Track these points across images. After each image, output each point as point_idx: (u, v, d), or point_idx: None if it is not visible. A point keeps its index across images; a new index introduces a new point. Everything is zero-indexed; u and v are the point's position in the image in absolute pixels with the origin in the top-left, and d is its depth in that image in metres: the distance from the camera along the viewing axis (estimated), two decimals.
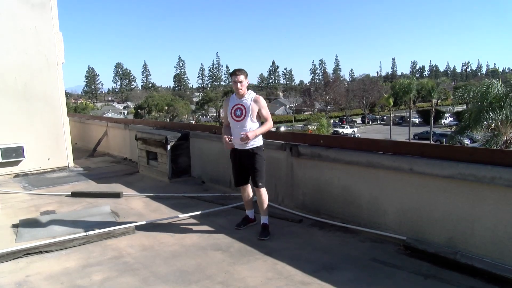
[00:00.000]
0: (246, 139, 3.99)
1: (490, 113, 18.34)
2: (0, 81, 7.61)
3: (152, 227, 4.59)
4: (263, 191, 4.24)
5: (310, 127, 45.25)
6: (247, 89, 4.17)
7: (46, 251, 3.92)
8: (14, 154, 7.77)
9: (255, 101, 4.10)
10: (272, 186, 5.30)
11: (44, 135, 8.23)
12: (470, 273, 3.15)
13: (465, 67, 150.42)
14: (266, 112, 4.18)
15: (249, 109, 4.06)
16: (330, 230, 4.32)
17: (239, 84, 4.05)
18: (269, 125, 4.20)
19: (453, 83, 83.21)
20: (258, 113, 4.11)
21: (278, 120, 65.40)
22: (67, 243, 4.07)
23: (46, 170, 8.23)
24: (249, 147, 4.13)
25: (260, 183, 4.19)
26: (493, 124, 19.37)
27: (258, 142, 4.20)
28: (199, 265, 3.55)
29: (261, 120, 4.22)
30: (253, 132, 4.02)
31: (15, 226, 4.70)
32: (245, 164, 4.22)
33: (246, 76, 4.11)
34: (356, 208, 4.29)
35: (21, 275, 3.45)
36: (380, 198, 4.08)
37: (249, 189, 4.39)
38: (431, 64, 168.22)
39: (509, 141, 18.77)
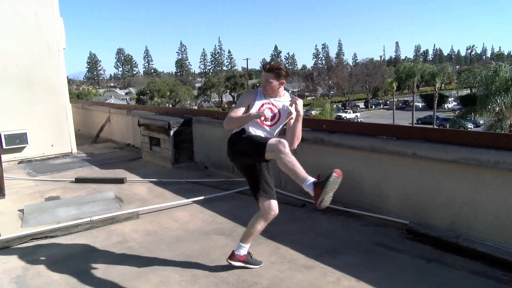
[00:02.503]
0: (297, 100, 3.02)
1: (497, 97, 18.21)
2: (2, 69, 7.59)
3: (156, 212, 4.62)
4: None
5: (313, 112, 45.10)
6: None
7: (52, 236, 3.96)
8: (18, 140, 7.80)
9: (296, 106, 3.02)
10: (275, 171, 5.29)
11: (47, 121, 8.24)
12: (472, 257, 3.16)
13: (469, 51, 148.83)
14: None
15: (285, 115, 3.08)
16: (332, 214, 4.34)
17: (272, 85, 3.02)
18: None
19: (458, 67, 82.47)
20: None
21: None
22: (72, 228, 4.11)
23: (49, 156, 8.27)
24: None
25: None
26: (497, 108, 19.26)
27: None
28: (203, 249, 3.58)
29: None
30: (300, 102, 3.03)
31: (20, 211, 4.75)
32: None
33: (280, 77, 3.01)
34: (359, 192, 4.30)
35: (27, 259, 3.50)
36: (383, 182, 4.08)
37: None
38: (435, 48, 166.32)
39: None
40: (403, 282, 2.91)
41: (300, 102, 3.01)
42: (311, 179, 2.66)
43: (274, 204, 3.03)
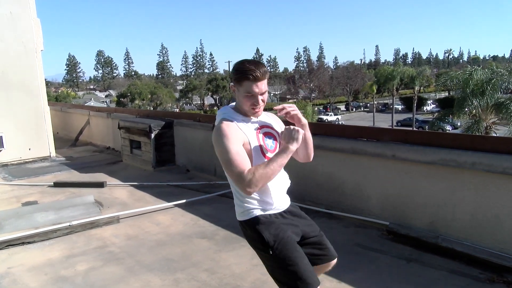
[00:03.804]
0: (282, 110, 1.98)
1: (474, 100, 18.66)
2: None
3: (136, 216, 4.56)
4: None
5: None
6: None
7: (29, 242, 3.87)
8: None
9: (272, 116, 2.16)
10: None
11: (24, 124, 8.04)
12: (451, 257, 3.23)
13: (447, 54, 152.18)
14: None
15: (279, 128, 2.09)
16: (314, 216, 4.34)
17: (260, 99, 1.90)
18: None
19: (436, 70, 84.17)
20: None
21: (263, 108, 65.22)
22: (51, 233, 4.03)
23: (27, 160, 8.07)
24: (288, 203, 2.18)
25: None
26: (474, 111, 19.72)
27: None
28: (185, 253, 3.55)
29: None
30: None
31: None
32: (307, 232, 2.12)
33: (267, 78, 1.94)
34: (340, 194, 4.34)
35: (3, 267, 3.40)
36: (363, 184, 4.13)
37: None
38: (414, 51, 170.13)
39: (489, 127, 19.16)
40: (384, 282, 2.94)
41: (295, 109, 2.00)
42: None
43: None
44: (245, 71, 1.83)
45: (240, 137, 1.87)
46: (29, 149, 8.14)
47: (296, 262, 1.88)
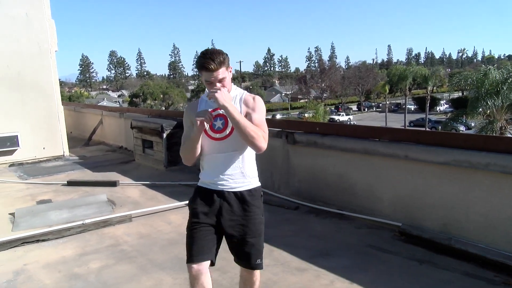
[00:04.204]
0: (215, 93, 2.04)
1: (488, 100, 18.39)
2: None
3: (148, 215, 4.60)
4: (259, 273, 2.40)
5: (306, 115, 45.19)
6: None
7: (43, 240, 3.93)
8: (9, 143, 7.73)
9: (245, 102, 2.22)
10: (268, 174, 5.31)
11: (39, 124, 8.17)
12: (464, 258, 3.19)
13: (461, 54, 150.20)
14: (259, 118, 2.18)
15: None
16: (325, 217, 4.35)
17: (218, 86, 2.09)
18: (259, 133, 2.10)
19: (449, 70, 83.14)
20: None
21: (274, 108, 65.30)
22: (64, 231, 4.08)
23: (41, 159, 8.20)
24: (236, 188, 2.23)
25: (258, 261, 2.34)
26: (488, 111, 19.44)
27: (254, 179, 2.34)
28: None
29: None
30: (229, 102, 2.05)
31: (11, 215, 4.70)
32: (225, 222, 2.20)
33: (228, 66, 2.15)
34: (351, 195, 4.32)
35: (18, 263, 3.46)
36: (375, 185, 4.10)
37: (209, 278, 2.14)
38: (427, 51, 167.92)
39: (503, 128, 18.87)
40: (396, 284, 2.92)
41: (220, 94, 2.03)
42: None
43: None
44: (202, 64, 2.07)
45: (187, 118, 2.28)
46: (44, 148, 8.27)
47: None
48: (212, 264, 2.17)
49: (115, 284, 3.05)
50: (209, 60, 2.06)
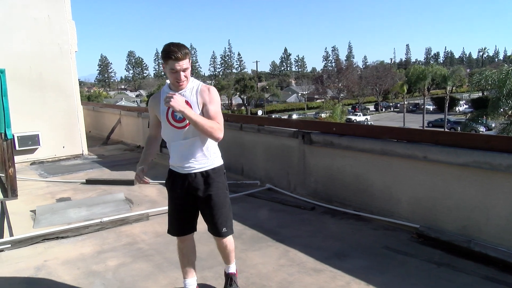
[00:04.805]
0: (170, 100, 2.28)
1: (510, 100, 17.97)
2: (15, 71, 7.69)
3: (165, 214, 4.62)
4: (229, 240, 2.72)
5: (323, 115, 44.95)
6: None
7: (63, 237, 4.01)
8: (30, 142, 7.91)
9: (201, 93, 2.45)
10: (284, 174, 5.31)
11: (59, 123, 8.34)
12: (484, 262, 3.12)
13: (481, 53, 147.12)
14: (215, 110, 2.44)
15: (196, 107, 2.42)
16: (342, 218, 4.32)
17: (182, 74, 2.36)
18: (215, 126, 2.38)
19: (468, 70, 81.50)
20: (203, 111, 2.44)
21: (290, 107, 65.17)
22: (83, 229, 4.15)
23: (61, 158, 8.36)
24: (201, 169, 2.51)
25: (224, 229, 2.62)
26: (510, 112, 19.01)
27: (216, 159, 2.60)
28: (212, 251, 3.57)
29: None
30: (184, 106, 2.31)
31: (32, 212, 4.81)
32: (194, 199, 2.57)
33: (190, 59, 2.40)
34: (368, 196, 4.28)
35: (39, 259, 3.54)
36: (393, 186, 4.05)
37: (193, 242, 2.77)
38: (446, 50, 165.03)
39: None
40: (413, 286, 2.88)
41: (175, 102, 2.27)
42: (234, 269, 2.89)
43: None
44: (169, 52, 2.29)
45: (151, 110, 2.61)
46: (63, 147, 8.43)
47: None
48: (195, 230, 2.69)
49: (132, 282, 3.09)
50: (176, 50, 2.29)
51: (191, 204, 2.58)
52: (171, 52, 2.28)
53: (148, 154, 2.82)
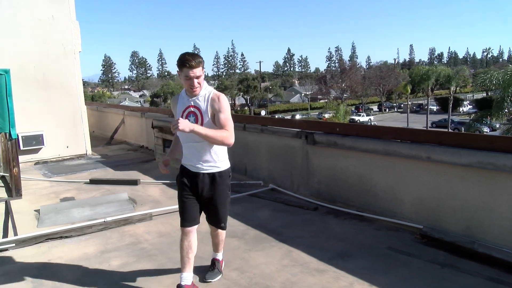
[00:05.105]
0: (177, 126, 2.44)
1: None
2: (20, 71, 7.73)
3: (168, 214, 4.65)
4: (224, 233, 3.11)
5: (325, 115, 44.90)
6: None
7: (66, 237, 4.02)
8: (34, 142, 7.94)
9: (212, 102, 2.67)
10: (287, 174, 5.31)
11: (63, 123, 8.37)
12: (488, 263, 3.11)
13: (485, 53, 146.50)
14: (224, 117, 2.68)
15: (206, 113, 2.67)
16: (345, 218, 4.31)
17: (195, 81, 2.60)
18: (225, 134, 2.65)
19: (472, 70, 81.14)
20: (214, 119, 2.69)
21: (293, 108, 65.15)
22: (86, 229, 4.17)
23: (65, 158, 8.39)
24: (208, 170, 2.79)
25: (222, 224, 2.99)
26: None
27: (223, 162, 2.88)
28: None
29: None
30: (192, 126, 2.51)
31: (36, 212, 4.83)
32: (202, 195, 2.82)
33: (203, 67, 2.64)
34: (372, 196, 4.27)
35: (43, 259, 3.55)
36: (396, 186, 4.04)
37: (196, 238, 2.90)
38: (450, 50, 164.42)
39: None
40: (417, 287, 2.87)
41: (182, 126, 2.44)
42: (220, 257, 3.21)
43: None
44: (184, 61, 2.55)
45: (173, 109, 2.88)
46: (67, 147, 8.47)
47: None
48: (198, 223, 2.88)
49: (136, 282, 3.10)
50: (190, 58, 2.55)
51: (197, 198, 2.83)
52: (186, 61, 2.53)
53: (173, 150, 3.09)
